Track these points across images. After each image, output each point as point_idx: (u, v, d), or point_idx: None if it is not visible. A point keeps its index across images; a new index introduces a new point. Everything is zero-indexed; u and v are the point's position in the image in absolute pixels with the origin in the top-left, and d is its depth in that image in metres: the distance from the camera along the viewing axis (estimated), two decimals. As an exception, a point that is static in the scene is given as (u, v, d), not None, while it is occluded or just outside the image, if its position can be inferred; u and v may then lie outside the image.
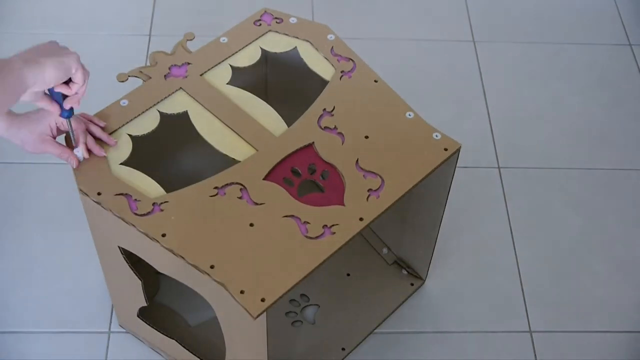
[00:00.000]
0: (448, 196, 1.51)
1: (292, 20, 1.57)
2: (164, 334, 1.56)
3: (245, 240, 1.27)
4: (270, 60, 1.57)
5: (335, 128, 1.41)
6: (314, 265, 1.25)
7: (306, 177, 1.36)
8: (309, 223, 1.29)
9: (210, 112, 1.42)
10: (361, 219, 1.30)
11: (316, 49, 1.53)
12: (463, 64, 2.22)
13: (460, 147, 1.40)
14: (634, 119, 2.13)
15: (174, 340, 1.55)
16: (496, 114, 2.10)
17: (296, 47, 1.53)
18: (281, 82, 1.62)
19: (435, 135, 1.41)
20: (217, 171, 1.34)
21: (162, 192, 1.32)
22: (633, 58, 2.27)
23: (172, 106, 1.43)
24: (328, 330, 1.66)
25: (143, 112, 1.41)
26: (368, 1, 2.35)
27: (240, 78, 1.50)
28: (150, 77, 1.46)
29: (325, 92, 1.46)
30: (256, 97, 1.45)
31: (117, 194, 1.30)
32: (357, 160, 1.37)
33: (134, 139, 1.38)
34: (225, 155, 1.37)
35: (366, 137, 1.40)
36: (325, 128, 1.41)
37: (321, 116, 1.42)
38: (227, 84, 1.46)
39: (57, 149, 1.30)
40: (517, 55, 2.26)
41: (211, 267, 1.23)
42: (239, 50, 1.51)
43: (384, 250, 1.78)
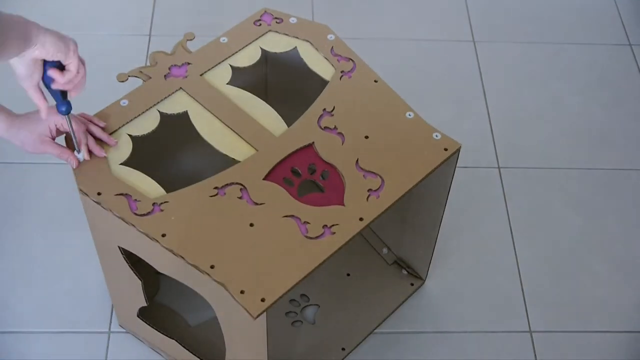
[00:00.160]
0: (448, 196, 1.51)
1: (292, 20, 1.57)
2: (164, 334, 1.56)
3: (245, 240, 1.27)
4: (270, 60, 1.57)
5: (335, 128, 1.41)
6: (314, 265, 1.25)
7: (306, 177, 1.36)
8: (309, 223, 1.29)
9: (210, 112, 1.42)
10: (361, 219, 1.30)
11: (316, 49, 1.53)
12: (463, 64, 2.22)
13: (460, 147, 1.40)
14: (634, 119, 2.13)
15: (174, 340, 1.55)
16: (496, 114, 2.10)
17: (296, 47, 1.53)
18: (281, 82, 1.62)
19: (435, 135, 1.41)
20: (217, 171, 1.34)
21: (162, 192, 1.32)
22: (633, 58, 2.27)
23: (172, 106, 1.43)
24: (328, 330, 1.66)
25: (143, 112, 1.41)
26: (368, 1, 2.36)
27: (240, 78, 1.50)
28: (150, 77, 1.46)
29: (325, 92, 1.46)
30: (256, 97, 1.45)
31: (117, 194, 1.30)
32: (357, 160, 1.37)
33: (134, 139, 1.38)
34: (225, 155, 1.37)
35: (366, 137, 1.40)
36: (325, 128, 1.41)
37: (321, 116, 1.42)
38: (227, 84, 1.46)
39: (56, 149, 1.30)
40: (517, 55, 2.26)
41: (211, 267, 1.23)
42: (239, 50, 1.51)
43: (384, 250, 1.78)
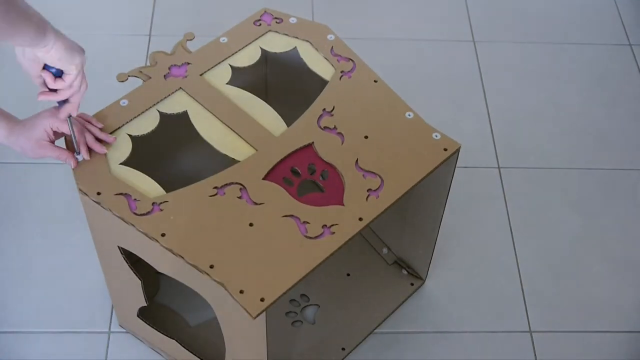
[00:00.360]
0: (448, 196, 1.51)
1: (292, 20, 1.57)
2: (164, 334, 1.56)
3: (245, 240, 1.27)
4: (270, 60, 1.57)
5: (335, 128, 1.41)
6: (314, 265, 1.25)
7: (306, 177, 1.36)
8: (308, 223, 1.29)
9: (210, 112, 1.42)
10: (361, 219, 1.30)
11: (316, 49, 1.53)
12: (463, 64, 2.22)
13: (459, 148, 1.40)
14: (634, 119, 2.13)
15: (174, 340, 1.55)
16: (496, 114, 2.10)
17: (296, 47, 1.53)
18: (281, 82, 1.62)
19: (435, 136, 1.41)
20: (216, 171, 1.34)
21: (162, 191, 1.32)
22: (633, 58, 2.27)
23: (171, 106, 1.43)
24: (328, 330, 1.66)
25: (143, 112, 1.41)
26: (368, 1, 2.36)
27: (240, 78, 1.50)
28: (150, 77, 1.46)
29: (325, 92, 1.46)
30: (256, 97, 1.45)
31: (117, 194, 1.30)
32: (357, 160, 1.37)
33: (134, 139, 1.38)
34: (225, 155, 1.37)
35: (366, 137, 1.40)
36: (325, 128, 1.41)
37: (321, 116, 1.42)
38: (227, 84, 1.46)
39: (55, 152, 1.30)
40: (517, 55, 2.26)
41: (210, 266, 1.23)
42: (238, 50, 1.51)
43: (384, 250, 1.78)
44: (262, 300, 1.20)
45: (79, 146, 1.31)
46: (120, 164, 1.34)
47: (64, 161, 1.31)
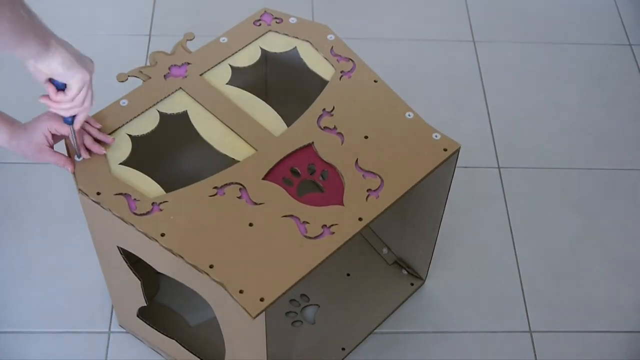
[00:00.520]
0: (448, 196, 1.51)
1: (292, 20, 1.57)
2: (164, 334, 1.56)
3: (245, 240, 1.27)
4: (270, 60, 1.57)
5: (335, 128, 1.41)
6: (313, 265, 1.25)
7: (306, 177, 1.36)
8: (308, 223, 1.29)
9: (210, 112, 1.42)
10: (360, 219, 1.30)
11: (316, 49, 1.53)
12: (463, 64, 2.22)
13: (459, 148, 1.40)
14: (634, 119, 2.13)
15: (174, 340, 1.55)
16: (496, 114, 2.10)
17: (296, 47, 1.53)
18: (281, 82, 1.62)
19: (435, 136, 1.41)
20: (216, 171, 1.34)
21: (162, 191, 1.32)
22: (633, 58, 2.27)
23: (171, 106, 1.43)
24: (328, 330, 1.66)
25: (143, 112, 1.41)
26: (368, 1, 2.36)
27: (240, 78, 1.50)
28: (150, 77, 1.46)
29: (325, 92, 1.46)
30: (256, 97, 1.45)
31: (117, 194, 1.30)
32: (357, 160, 1.37)
33: (134, 139, 1.38)
34: (224, 155, 1.37)
35: (366, 137, 1.40)
36: (325, 128, 1.41)
37: (321, 116, 1.42)
38: (227, 84, 1.46)
39: (53, 157, 1.30)
40: (517, 55, 2.26)
41: (210, 266, 1.23)
42: (238, 50, 1.51)
43: (384, 250, 1.78)
44: (261, 300, 1.20)
45: (78, 148, 1.31)
46: (120, 164, 1.34)
47: (62, 167, 1.31)
